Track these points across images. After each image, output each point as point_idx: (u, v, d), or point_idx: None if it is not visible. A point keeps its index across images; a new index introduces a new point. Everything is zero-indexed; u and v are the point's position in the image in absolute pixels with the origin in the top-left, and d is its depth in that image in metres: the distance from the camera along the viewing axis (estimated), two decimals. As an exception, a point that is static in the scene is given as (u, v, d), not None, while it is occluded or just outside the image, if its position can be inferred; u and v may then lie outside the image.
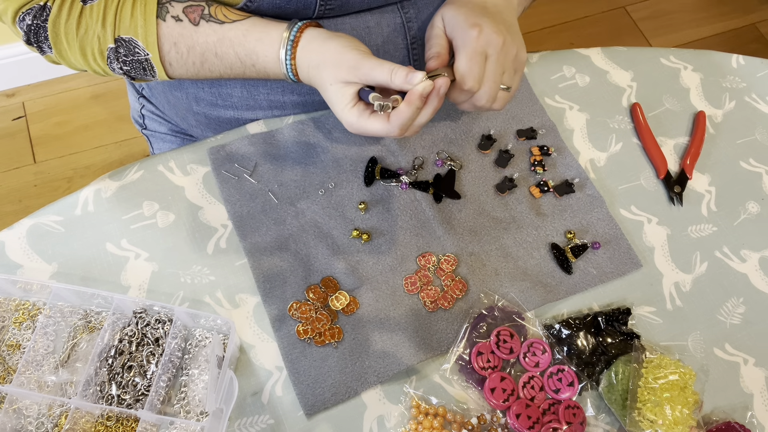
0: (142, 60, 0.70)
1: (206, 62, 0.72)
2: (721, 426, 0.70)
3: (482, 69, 0.73)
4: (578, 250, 0.79)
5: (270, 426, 0.68)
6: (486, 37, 0.72)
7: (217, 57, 0.72)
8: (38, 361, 0.69)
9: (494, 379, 0.70)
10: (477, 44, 0.72)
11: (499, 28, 0.73)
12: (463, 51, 0.72)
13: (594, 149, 0.89)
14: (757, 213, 0.85)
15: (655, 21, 2.17)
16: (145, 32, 0.68)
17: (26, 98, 1.87)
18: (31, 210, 0.88)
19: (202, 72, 0.73)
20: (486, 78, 0.73)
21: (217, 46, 0.71)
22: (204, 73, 0.74)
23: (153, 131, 1.04)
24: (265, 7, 0.74)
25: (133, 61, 0.69)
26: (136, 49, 0.68)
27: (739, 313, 0.78)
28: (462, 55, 0.72)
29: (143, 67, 0.71)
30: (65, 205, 0.79)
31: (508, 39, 0.74)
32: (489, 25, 0.72)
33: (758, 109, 0.94)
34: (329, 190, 0.81)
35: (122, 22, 0.67)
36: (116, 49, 0.68)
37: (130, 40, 0.67)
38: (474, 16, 0.73)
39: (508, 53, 0.74)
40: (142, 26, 0.67)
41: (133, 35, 0.67)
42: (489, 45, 0.72)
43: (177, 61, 0.71)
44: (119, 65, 0.69)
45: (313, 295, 0.74)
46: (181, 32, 0.70)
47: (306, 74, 0.72)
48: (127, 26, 0.67)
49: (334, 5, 0.76)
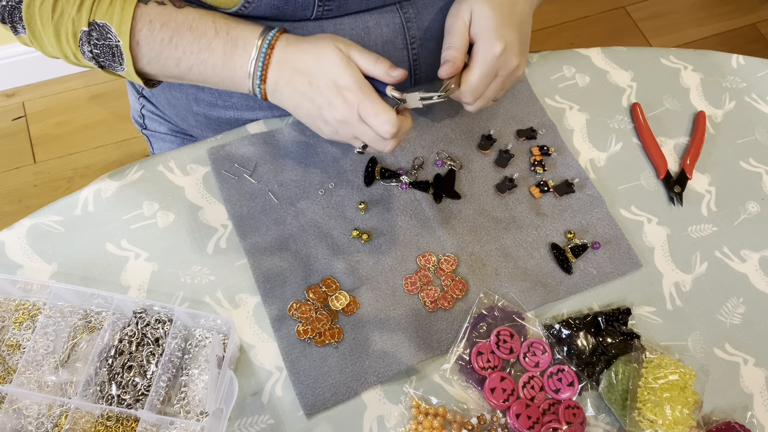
0: (112, 45, 0.68)
1: (175, 36, 0.69)
2: (721, 426, 0.70)
3: (487, 87, 0.74)
4: (578, 250, 0.79)
5: (270, 426, 0.68)
6: (505, 57, 0.72)
7: (190, 30, 0.69)
8: (38, 361, 0.69)
9: (494, 379, 0.70)
10: (495, 64, 0.72)
11: (519, 49, 0.73)
12: (479, 67, 0.72)
13: (594, 149, 0.89)
14: (757, 213, 0.85)
15: (655, 21, 2.17)
16: (120, 19, 0.67)
17: (26, 98, 1.87)
18: (31, 210, 0.88)
19: (165, 50, 0.69)
20: (485, 95, 0.75)
21: (195, 21, 0.69)
22: (167, 51, 0.69)
23: (153, 131, 1.04)
24: (263, 9, 0.74)
25: (104, 46, 0.68)
26: (108, 34, 0.67)
27: (739, 313, 0.78)
28: (477, 70, 0.73)
29: (113, 53, 0.69)
30: (65, 205, 0.79)
31: (522, 59, 0.75)
32: (512, 44, 0.72)
33: (758, 109, 0.94)
34: (329, 190, 0.81)
35: (100, 7, 0.66)
36: (89, 32, 0.67)
37: (104, 25, 0.67)
38: (504, 25, 0.72)
39: (515, 73, 0.76)
40: (118, 13, 0.67)
41: (108, 21, 0.67)
42: (503, 67, 0.73)
43: (146, 38, 0.68)
44: (90, 48, 0.68)
45: (313, 295, 0.74)
46: (161, 12, 0.69)
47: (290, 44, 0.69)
48: (104, 12, 0.66)
49: (332, 6, 0.76)
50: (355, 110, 0.67)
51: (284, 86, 0.70)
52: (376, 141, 0.69)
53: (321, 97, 0.68)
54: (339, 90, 0.67)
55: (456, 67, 0.73)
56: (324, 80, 0.68)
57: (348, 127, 0.69)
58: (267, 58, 0.69)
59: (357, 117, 0.68)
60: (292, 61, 0.69)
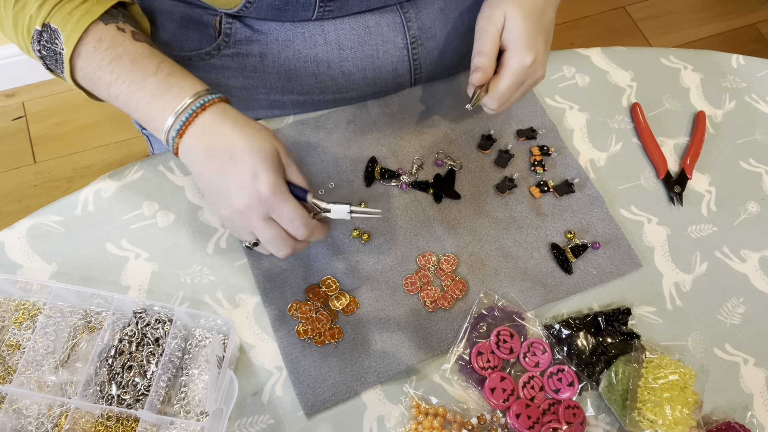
0: (57, 51, 0.67)
1: (115, 61, 0.65)
2: (721, 426, 0.70)
3: (513, 95, 0.75)
4: (578, 250, 0.79)
5: (270, 426, 0.68)
6: (533, 68, 0.73)
7: (132, 62, 0.65)
8: (38, 361, 0.69)
9: (494, 379, 0.70)
10: (524, 74, 0.73)
11: (546, 57, 0.74)
12: (509, 76, 0.73)
13: (594, 149, 0.89)
14: (757, 213, 0.85)
15: (655, 21, 2.17)
16: (72, 29, 0.65)
17: (26, 98, 1.87)
18: (31, 210, 0.88)
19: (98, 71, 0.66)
20: (509, 101, 0.76)
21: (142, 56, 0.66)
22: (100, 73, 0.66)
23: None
24: (264, 10, 0.74)
25: (50, 50, 0.67)
26: (56, 40, 0.66)
27: (739, 313, 0.78)
28: (506, 79, 0.73)
29: (56, 58, 0.68)
30: (65, 205, 0.79)
31: (545, 71, 0.75)
32: (541, 54, 0.73)
33: (758, 109, 0.94)
34: (329, 190, 0.81)
35: (59, 12, 0.65)
36: (41, 32, 0.66)
37: (56, 30, 0.66)
38: (534, 34, 0.72)
39: (537, 81, 0.76)
40: (74, 23, 0.65)
41: (60, 28, 0.65)
42: (531, 76, 0.74)
43: (87, 53, 0.65)
44: (39, 47, 0.68)
45: (313, 295, 0.74)
46: (115, 35, 0.66)
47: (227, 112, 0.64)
48: (61, 17, 0.65)
49: (333, 7, 0.76)
50: (263, 206, 0.63)
51: (200, 151, 0.64)
52: (270, 243, 0.66)
53: (235, 177, 0.63)
54: (256, 181, 0.62)
55: (487, 76, 0.73)
56: (248, 164, 0.62)
57: (246, 221, 0.65)
58: (194, 115, 0.64)
59: (261, 213, 0.64)
60: (220, 131, 0.64)
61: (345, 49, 0.81)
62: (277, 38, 0.79)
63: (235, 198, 0.63)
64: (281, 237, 0.66)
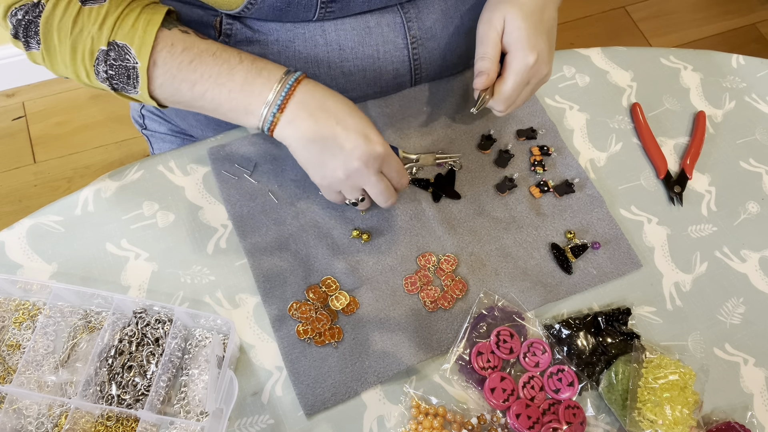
0: (129, 67, 0.68)
1: (195, 60, 0.68)
2: (721, 426, 0.70)
3: (519, 95, 0.76)
4: (578, 250, 0.79)
5: (270, 426, 0.68)
6: (537, 67, 0.74)
7: (213, 57, 0.69)
8: (38, 361, 0.69)
9: (494, 379, 0.70)
10: (528, 74, 0.74)
11: (549, 56, 0.74)
12: (513, 77, 0.74)
13: (594, 149, 0.89)
14: (757, 213, 0.85)
15: (655, 21, 2.17)
16: (141, 42, 0.66)
17: (26, 98, 1.87)
18: (31, 210, 0.88)
19: (182, 72, 0.68)
20: (516, 102, 0.77)
21: (219, 50, 0.69)
22: (183, 74, 0.68)
23: (153, 131, 1.04)
24: (266, 10, 0.74)
25: (120, 66, 0.68)
26: (127, 55, 0.67)
27: (739, 313, 0.78)
28: (511, 81, 0.74)
29: (128, 74, 0.68)
30: (65, 205, 0.79)
31: (551, 68, 0.76)
32: (544, 53, 0.73)
33: (758, 109, 0.94)
34: (329, 190, 0.81)
35: (121, 28, 0.66)
36: (107, 52, 0.67)
37: (124, 46, 0.66)
38: (536, 34, 0.72)
39: (544, 80, 0.77)
40: (140, 36, 0.66)
41: (128, 42, 0.66)
42: (535, 75, 0.75)
43: (164, 59, 0.67)
44: (105, 68, 0.68)
45: (313, 295, 0.74)
46: (184, 38, 0.68)
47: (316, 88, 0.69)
48: (125, 33, 0.66)
49: (334, 8, 0.76)
50: (377, 163, 0.69)
51: (305, 119, 0.68)
52: (382, 194, 0.71)
53: (347, 140, 0.68)
54: (368, 139, 0.68)
55: (490, 79, 0.75)
56: (354, 126, 0.68)
57: (361, 176, 0.69)
58: (291, 89, 0.68)
59: (375, 169, 0.69)
60: (320, 100, 0.69)
61: (345, 50, 0.81)
62: (277, 39, 0.79)
63: (351, 158, 0.68)
64: (390, 188, 0.72)
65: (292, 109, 0.68)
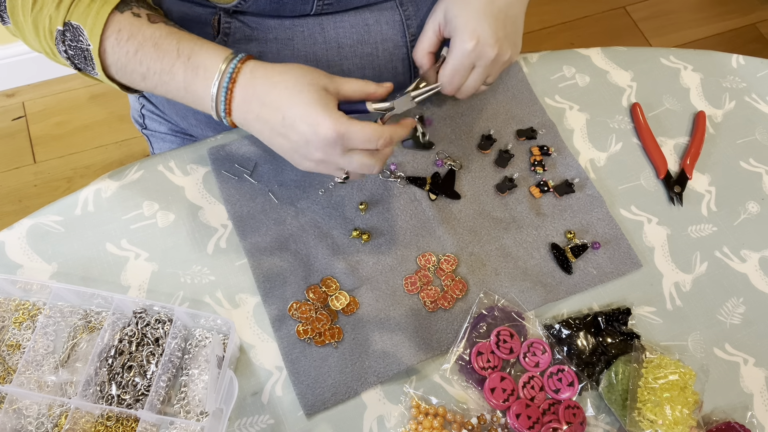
0: (83, 48, 0.67)
1: (140, 51, 0.66)
2: (721, 426, 0.70)
3: (464, 79, 0.76)
4: (578, 250, 0.79)
5: (270, 426, 0.68)
6: (479, 50, 0.73)
7: (154, 47, 0.66)
8: (38, 361, 0.69)
9: (494, 379, 0.70)
10: (466, 59, 0.73)
11: (497, 37, 0.73)
12: (450, 62, 0.74)
13: (594, 149, 0.89)
14: (757, 213, 0.85)
15: (655, 21, 2.17)
16: (93, 23, 0.65)
17: (26, 98, 1.87)
18: (31, 210, 0.88)
19: (130, 64, 0.67)
20: (465, 86, 0.77)
21: (161, 38, 0.66)
22: (132, 65, 0.67)
23: (153, 131, 1.04)
24: (262, 4, 0.74)
25: (77, 48, 0.67)
26: (80, 36, 0.66)
27: (739, 313, 0.78)
28: (449, 66, 0.74)
29: (84, 56, 0.67)
30: (65, 205, 0.79)
31: (504, 47, 0.74)
32: (487, 36, 0.72)
33: (758, 109, 0.94)
34: (329, 190, 0.81)
35: (77, 8, 0.65)
36: (64, 32, 0.66)
37: (78, 27, 0.65)
38: (475, 19, 0.72)
39: (498, 61, 0.75)
40: (93, 17, 0.65)
41: (82, 23, 0.65)
42: (480, 58, 0.74)
43: (112, 47, 0.66)
44: (64, 48, 0.67)
45: (313, 295, 0.74)
46: (132, 22, 0.67)
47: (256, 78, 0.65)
48: (80, 13, 0.65)
49: (332, 1, 0.76)
50: (338, 146, 0.64)
51: (254, 121, 0.66)
52: (361, 169, 0.67)
53: (296, 134, 0.64)
54: (317, 129, 0.63)
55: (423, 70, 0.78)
56: (300, 116, 0.63)
57: (328, 165, 0.67)
58: (229, 88, 0.65)
59: (339, 151, 0.65)
60: (261, 94, 0.65)
61: (344, 48, 0.81)
62: (276, 37, 0.79)
63: (308, 153, 0.65)
64: (366, 160, 0.66)
65: (239, 112, 0.66)
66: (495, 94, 0.91)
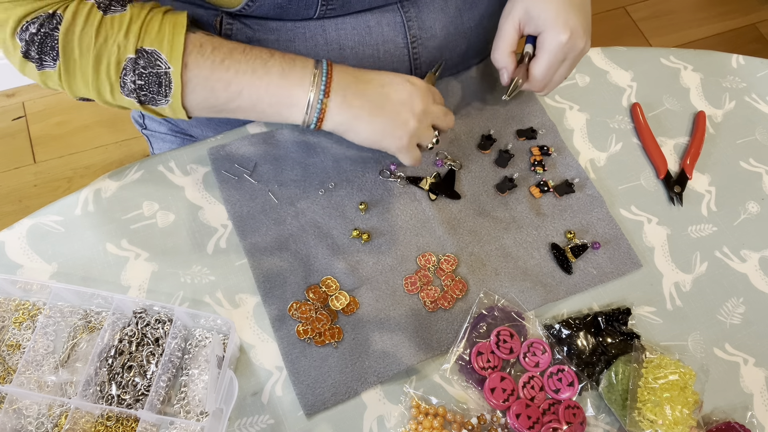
0: (161, 74, 0.65)
1: (227, 59, 0.67)
2: (721, 426, 0.70)
3: (554, 73, 0.76)
4: (578, 250, 0.79)
5: (270, 426, 0.68)
6: (572, 42, 0.73)
7: (243, 53, 0.68)
8: (38, 361, 0.69)
9: (494, 379, 0.70)
10: (561, 52, 0.74)
11: (584, 28, 0.74)
12: (545, 56, 0.74)
13: (594, 149, 0.89)
14: (757, 213, 0.85)
15: (655, 21, 2.17)
16: (171, 46, 0.64)
17: (26, 98, 1.87)
18: (31, 210, 0.88)
19: (215, 72, 0.67)
20: (554, 80, 0.77)
21: (247, 47, 0.69)
22: (217, 74, 0.67)
23: (153, 131, 1.04)
24: (267, 8, 0.74)
25: (151, 74, 0.65)
26: (157, 61, 0.65)
27: (739, 313, 0.78)
28: (543, 59, 0.74)
29: (159, 81, 0.66)
30: (65, 205, 0.79)
31: (588, 40, 0.75)
32: (578, 27, 0.73)
33: (758, 109, 0.94)
34: (329, 190, 0.81)
35: (148, 34, 0.64)
36: (136, 60, 0.64)
37: (153, 52, 0.64)
38: (566, 10, 0.72)
39: (582, 53, 0.76)
40: (168, 40, 0.64)
41: (158, 47, 0.64)
42: (571, 50, 0.74)
43: (195, 60, 0.66)
44: (133, 78, 0.65)
45: (313, 295, 0.74)
46: (211, 38, 0.68)
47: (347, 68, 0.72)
48: (153, 38, 0.64)
49: (335, 5, 0.76)
50: (430, 95, 0.73)
51: (354, 97, 0.70)
52: (447, 116, 0.76)
53: (401, 92, 0.71)
54: (413, 84, 0.72)
55: (509, 72, 0.77)
56: (394, 77, 0.72)
57: (428, 112, 0.73)
58: (329, 74, 0.69)
59: (431, 100, 0.73)
60: (356, 74, 0.71)
61: (346, 49, 0.81)
62: (277, 39, 0.79)
63: (412, 105, 0.72)
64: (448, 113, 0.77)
65: (338, 92, 0.70)
66: (495, 93, 0.91)
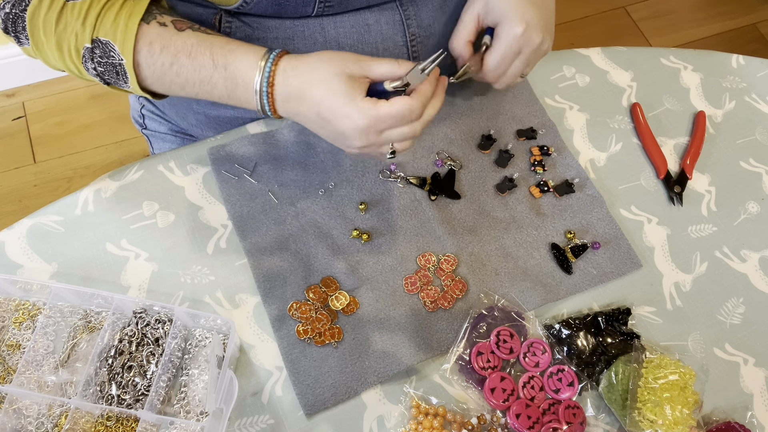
0: (116, 64, 0.67)
1: (175, 63, 0.68)
2: (721, 426, 0.70)
3: (509, 66, 0.76)
4: (578, 250, 0.79)
5: (270, 426, 0.68)
6: (527, 36, 0.73)
7: (189, 58, 0.68)
8: (38, 361, 0.69)
9: (494, 379, 0.70)
10: (515, 44, 0.74)
11: (542, 24, 0.74)
12: (499, 47, 0.75)
13: (594, 149, 0.89)
14: (757, 213, 0.85)
15: (655, 21, 2.17)
16: (123, 37, 0.66)
17: (26, 98, 1.87)
18: (31, 210, 0.88)
19: (167, 75, 0.69)
20: (508, 73, 0.77)
21: (193, 48, 0.68)
22: (169, 77, 0.69)
23: (153, 131, 1.04)
24: (264, 6, 0.74)
25: (107, 64, 0.67)
26: (111, 52, 0.66)
27: (739, 313, 0.78)
28: (497, 51, 0.75)
29: (116, 71, 0.68)
30: (65, 205, 0.79)
31: (546, 35, 0.75)
32: (534, 22, 0.73)
33: (758, 109, 0.94)
34: (329, 190, 0.81)
35: (103, 24, 0.66)
36: (92, 49, 0.66)
37: (107, 43, 0.66)
38: (522, 5, 0.73)
39: (539, 50, 0.76)
40: (122, 31, 0.66)
41: (111, 39, 0.66)
42: (527, 44, 0.74)
43: (146, 60, 0.67)
44: (93, 65, 0.67)
45: (313, 295, 0.74)
46: (161, 33, 0.68)
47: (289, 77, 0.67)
48: (107, 29, 0.66)
49: (333, 2, 0.76)
50: (371, 132, 0.66)
51: (296, 116, 0.69)
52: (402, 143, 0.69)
53: (332, 128, 0.67)
54: (351, 121, 0.65)
55: (464, 60, 0.77)
56: (330, 111, 0.66)
57: (372, 148, 0.68)
58: (269, 92, 0.68)
59: (375, 135, 0.66)
60: (296, 93, 0.67)
61: (344, 48, 0.81)
62: (276, 37, 0.79)
63: (349, 141, 0.68)
64: (404, 132, 0.67)
65: (282, 109, 0.69)
66: (495, 93, 0.91)
